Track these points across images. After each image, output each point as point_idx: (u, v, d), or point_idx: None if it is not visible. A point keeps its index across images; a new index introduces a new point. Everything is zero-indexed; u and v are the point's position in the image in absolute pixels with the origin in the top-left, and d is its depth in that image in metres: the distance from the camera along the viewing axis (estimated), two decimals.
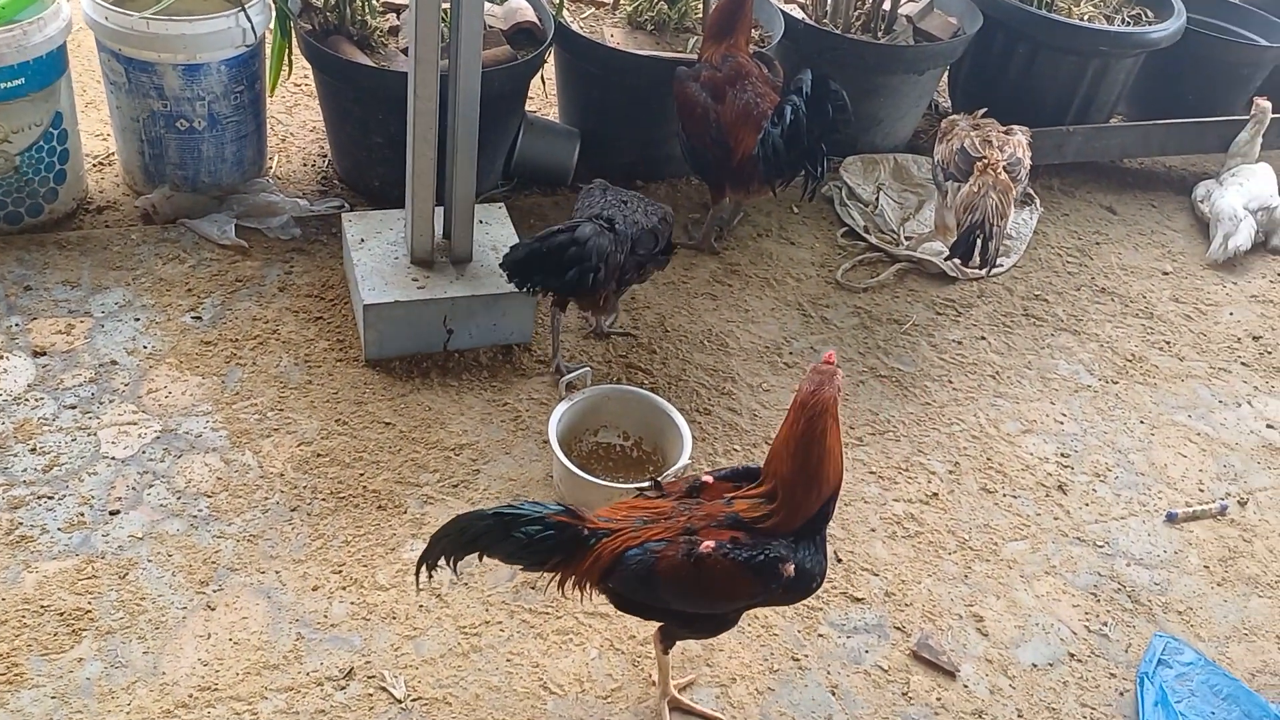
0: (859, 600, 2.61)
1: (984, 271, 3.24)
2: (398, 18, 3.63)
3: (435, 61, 2.70)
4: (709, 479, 2.12)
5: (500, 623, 2.44)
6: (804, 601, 2.57)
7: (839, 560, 2.69)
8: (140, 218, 3.39)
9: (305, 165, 3.78)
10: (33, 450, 2.62)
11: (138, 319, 3.01)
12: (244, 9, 3.17)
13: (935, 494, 2.90)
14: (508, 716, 2.26)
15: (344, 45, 3.41)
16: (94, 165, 3.58)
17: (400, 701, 2.26)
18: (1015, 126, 3.51)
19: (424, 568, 2.06)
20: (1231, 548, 2.90)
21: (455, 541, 2.01)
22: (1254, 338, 3.66)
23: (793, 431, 1.97)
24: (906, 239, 3.76)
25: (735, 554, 1.96)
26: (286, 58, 3.51)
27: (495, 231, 3.23)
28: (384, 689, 2.27)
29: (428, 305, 2.97)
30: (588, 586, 2.07)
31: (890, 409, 3.14)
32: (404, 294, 2.97)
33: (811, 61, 3.27)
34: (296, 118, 4.00)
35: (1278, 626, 2.72)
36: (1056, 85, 4.25)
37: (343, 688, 2.27)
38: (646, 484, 2.18)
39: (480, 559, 2.03)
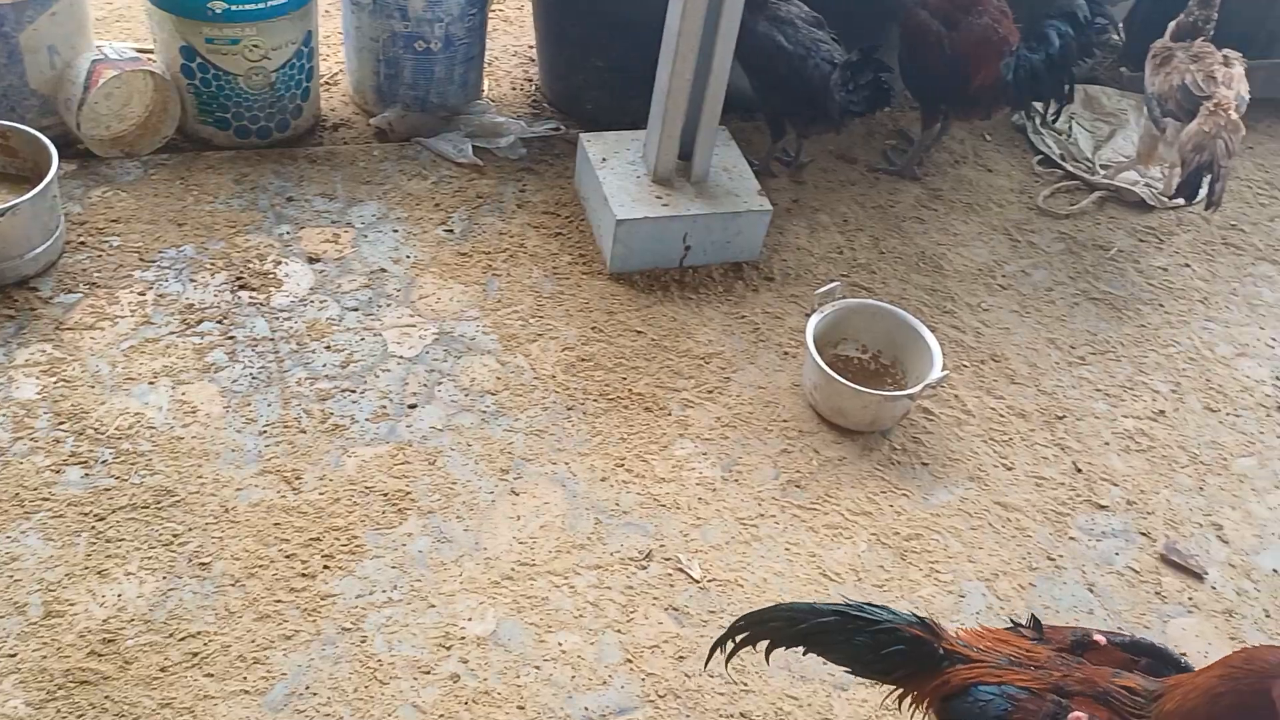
0: (1103, 507, 2.75)
1: (1209, 211, 3.29)
2: None
3: None
4: (1101, 639, 1.81)
5: (774, 516, 2.62)
6: (1052, 507, 2.74)
7: (1079, 470, 2.83)
8: (375, 135, 3.55)
9: (513, 89, 3.92)
10: (328, 348, 2.82)
11: (395, 230, 3.19)
12: None
13: (1162, 411, 3.03)
14: (797, 597, 2.45)
15: None
16: (321, 84, 3.73)
17: (698, 581, 2.45)
18: (1230, 54, 3.46)
19: (732, 648, 1.87)
20: None
21: (783, 632, 1.83)
22: None
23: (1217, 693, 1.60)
24: (1102, 167, 3.83)
25: None
26: None
27: (723, 153, 3.36)
28: (682, 570, 2.46)
29: (672, 222, 3.12)
30: (925, 705, 1.84)
31: (1107, 330, 3.26)
32: (651, 210, 3.11)
33: None
34: (497, 42, 4.13)
35: None
36: (1242, 20, 4.24)
37: (644, 567, 2.46)
38: (1024, 623, 1.90)
39: (805, 653, 1.86)
